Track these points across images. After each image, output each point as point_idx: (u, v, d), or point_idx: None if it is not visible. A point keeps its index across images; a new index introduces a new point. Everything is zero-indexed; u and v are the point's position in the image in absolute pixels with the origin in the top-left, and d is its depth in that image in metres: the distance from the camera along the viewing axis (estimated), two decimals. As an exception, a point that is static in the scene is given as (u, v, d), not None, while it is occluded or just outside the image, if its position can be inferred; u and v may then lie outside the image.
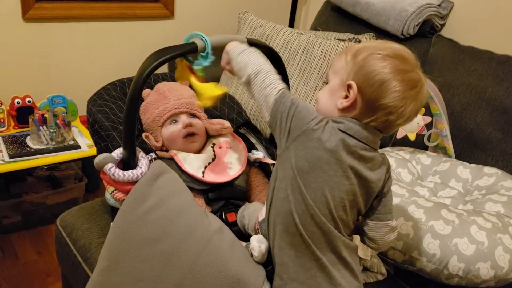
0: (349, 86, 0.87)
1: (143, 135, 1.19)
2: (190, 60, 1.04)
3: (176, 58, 1.02)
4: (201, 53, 1.01)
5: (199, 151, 1.23)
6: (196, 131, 1.21)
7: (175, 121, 1.21)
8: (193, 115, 1.23)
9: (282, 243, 0.90)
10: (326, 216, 0.87)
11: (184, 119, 1.21)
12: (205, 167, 1.15)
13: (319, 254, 0.87)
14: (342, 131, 0.87)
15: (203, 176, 1.13)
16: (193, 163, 1.15)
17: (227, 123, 1.27)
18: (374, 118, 0.88)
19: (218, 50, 1.03)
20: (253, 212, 1.07)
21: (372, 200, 0.95)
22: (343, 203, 0.88)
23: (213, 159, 1.18)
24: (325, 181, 0.86)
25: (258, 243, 0.93)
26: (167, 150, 1.20)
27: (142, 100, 1.27)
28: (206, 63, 1.01)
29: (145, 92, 1.28)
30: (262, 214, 0.98)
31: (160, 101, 1.23)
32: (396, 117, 0.87)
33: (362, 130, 0.88)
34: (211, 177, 1.14)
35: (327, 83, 0.94)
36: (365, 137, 0.88)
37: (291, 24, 2.59)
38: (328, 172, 0.86)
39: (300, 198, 0.87)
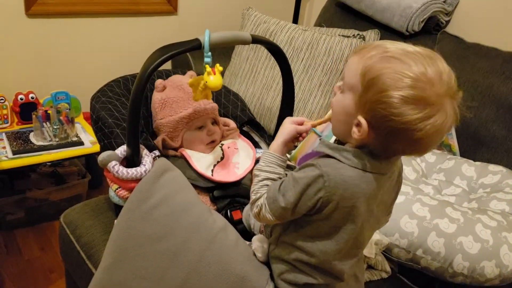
0: (359, 121, 0.74)
1: (161, 138, 1.16)
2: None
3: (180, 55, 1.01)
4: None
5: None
6: (217, 138, 1.20)
7: (200, 126, 1.18)
8: (214, 120, 1.21)
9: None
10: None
11: (209, 126, 1.19)
12: (214, 166, 1.15)
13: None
14: (360, 169, 0.77)
15: (212, 175, 1.12)
16: (202, 162, 1.14)
17: (232, 124, 1.26)
18: (391, 156, 0.80)
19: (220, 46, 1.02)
20: None
21: None
22: (368, 235, 0.88)
23: (222, 159, 1.17)
24: (352, 230, 0.81)
25: (260, 243, 0.93)
26: (172, 148, 1.19)
27: (150, 90, 1.25)
28: (206, 59, 0.99)
29: (160, 83, 1.20)
30: None
31: (187, 101, 1.16)
32: (414, 155, 0.79)
33: (380, 163, 0.78)
34: (220, 176, 1.13)
35: (342, 89, 0.80)
36: (385, 167, 0.80)
37: (295, 21, 2.58)
38: (356, 222, 0.80)
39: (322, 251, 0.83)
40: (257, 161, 1.23)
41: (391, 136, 0.73)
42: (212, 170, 1.14)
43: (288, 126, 0.90)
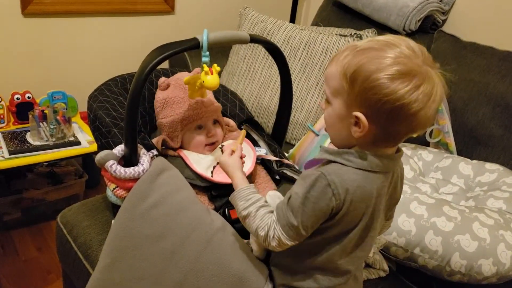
0: (356, 117, 0.74)
1: (161, 138, 1.15)
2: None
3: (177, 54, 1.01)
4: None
5: None
6: (218, 140, 1.19)
7: (201, 127, 1.16)
8: (216, 120, 1.20)
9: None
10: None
11: (209, 126, 1.17)
12: (214, 167, 1.14)
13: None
14: (364, 170, 0.77)
15: (212, 176, 1.12)
16: (202, 163, 1.13)
17: (232, 123, 1.26)
18: (396, 143, 0.80)
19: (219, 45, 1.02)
20: None
21: None
22: (373, 235, 0.88)
23: None
24: (358, 230, 0.82)
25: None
26: (172, 148, 1.18)
27: (148, 89, 1.23)
28: (204, 58, 0.99)
29: (163, 81, 1.17)
30: None
31: (188, 101, 1.14)
32: (419, 132, 0.78)
33: (382, 161, 0.78)
34: (220, 177, 1.12)
35: (328, 102, 0.81)
36: (387, 165, 0.80)
37: (292, 20, 2.58)
38: (362, 222, 0.82)
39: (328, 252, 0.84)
40: (257, 160, 1.23)
41: (391, 119, 0.73)
42: (212, 171, 1.13)
43: (232, 159, 0.95)
